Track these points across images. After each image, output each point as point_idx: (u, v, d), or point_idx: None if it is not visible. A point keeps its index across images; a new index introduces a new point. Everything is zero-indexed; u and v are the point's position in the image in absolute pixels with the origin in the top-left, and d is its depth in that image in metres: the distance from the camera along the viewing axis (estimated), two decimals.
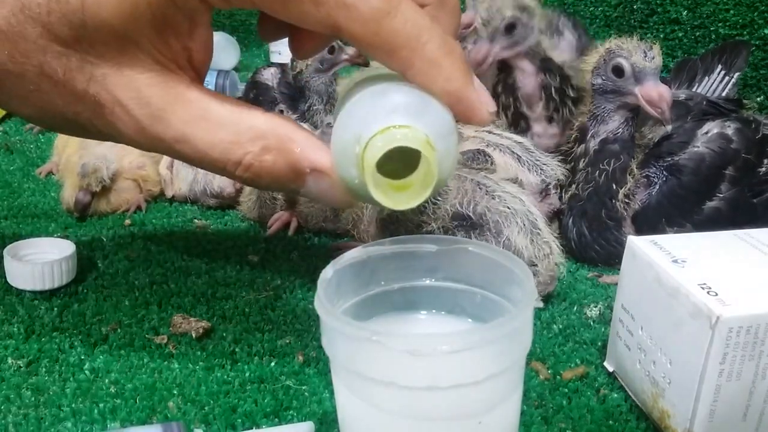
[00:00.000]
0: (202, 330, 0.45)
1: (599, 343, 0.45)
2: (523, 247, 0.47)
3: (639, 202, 0.54)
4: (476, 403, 0.30)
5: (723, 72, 0.64)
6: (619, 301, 0.41)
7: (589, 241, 0.56)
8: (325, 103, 0.71)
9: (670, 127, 0.56)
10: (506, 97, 0.64)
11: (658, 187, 0.54)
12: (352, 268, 0.35)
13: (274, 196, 0.61)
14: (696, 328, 0.34)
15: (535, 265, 0.47)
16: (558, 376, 0.42)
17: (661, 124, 0.55)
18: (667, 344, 0.36)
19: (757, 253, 0.38)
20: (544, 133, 0.65)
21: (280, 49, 1.14)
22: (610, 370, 0.42)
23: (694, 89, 0.64)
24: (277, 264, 0.56)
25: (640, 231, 0.53)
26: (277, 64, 0.83)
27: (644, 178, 0.55)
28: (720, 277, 0.35)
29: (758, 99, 0.81)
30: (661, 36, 0.91)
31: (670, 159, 0.54)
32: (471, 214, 0.48)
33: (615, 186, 0.55)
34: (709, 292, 0.34)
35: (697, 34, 0.88)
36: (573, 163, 0.57)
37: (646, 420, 0.38)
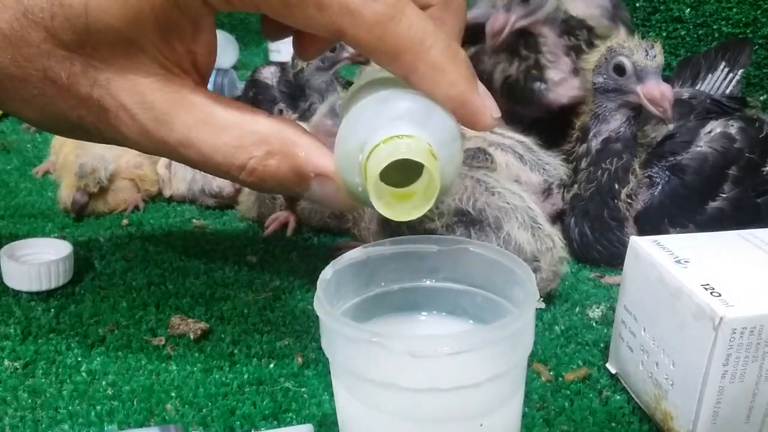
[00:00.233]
0: (200, 331, 0.45)
1: (601, 345, 0.45)
2: (525, 242, 0.47)
3: (642, 202, 0.54)
4: (477, 405, 0.30)
5: (726, 69, 0.64)
6: (622, 302, 0.40)
7: (592, 242, 0.55)
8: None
9: (673, 126, 0.55)
10: (528, 52, 0.62)
11: (660, 187, 0.54)
12: (352, 269, 0.35)
13: (273, 196, 0.61)
14: (699, 329, 0.33)
15: (538, 260, 0.47)
16: (560, 378, 0.42)
17: (664, 123, 0.54)
18: (670, 345, 0.36)
19: (760, 253, 0.38)
20: (564, 83, 0.62)
21: (279, 47, 1.14)
22: (613, 371, 0.42)
23: (697, 87, 0.64)
24: (276, 264, 0.55)
25: (643, 231, 0.53)
26: (276, 63, 0.82)
27: (647, 178, 0.54)
28: (723, 278, 0.35)
29: (762, 97, 0.81)
30: (664, 34, 0.91)
31: (672, 159, 0.54)
32: (471, 210, 0.48)
33: (617, 185, 0.54)
34: (712, 293, 0.34)
35: (700, 32, 0.88)
36: (575, 163, 0.57)
37: (649, 422, 0.38)
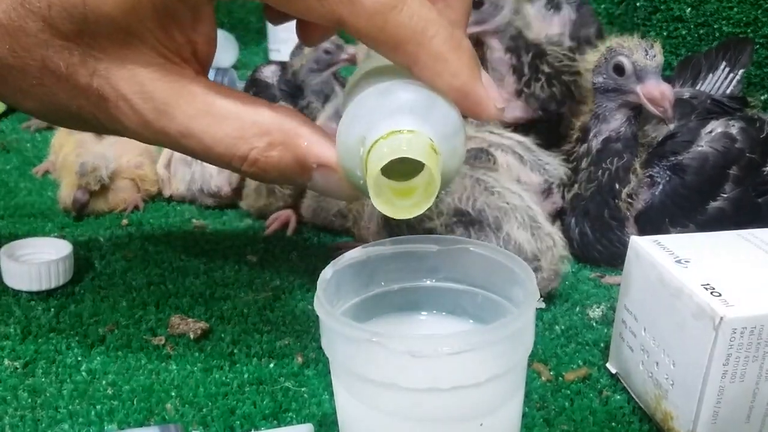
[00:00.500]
0: (200, 331, 0.45)
1: (602, 345, 0.45)
2: (525, 242, 0.47)
3: (642, 202, 0.54)
4: (478, 405, 0.30)
5: (727, 69, 0.64)
6: (622, 301, 0.40)
7: (592, 241, 0.55)
8: (323, 102, 0.71)
9: (673, 126, 0.55)
10: None
11: (661, 187, 0.54)
12: (352, 269, 0.35)
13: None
14: (699, 329, 0.33)
15: (539, 259, 0.47)
16: (560, 378, 0.42)
17: (664, 123, 0.54)
18: (671, 345, 0.36)
19: (761, 253, 0.38)
20: (507, 105, 0.63)
21: (279, 47, 1.14)
22: (613, 371, 0.42)
23: (698, 87, 0.64)
24: (276, 264, 0.55)
25: (643, 231, 0.53)
26: (277, 62, 0.82)
27: (647, 177, 0.54)
28: (724, 278, 0.35)
29: (762, 97, 0.80)
30: (664, 34, 0.90)
31: (673, 158, 0.54)
32: (470, 210, 0.48)
33: (618, 185, 0.54)
34: (712, 293, 0.34)
35: (701, 31, 0.87)
36: (575, 163, 0.57)
37: (649, 422, 0.38)
